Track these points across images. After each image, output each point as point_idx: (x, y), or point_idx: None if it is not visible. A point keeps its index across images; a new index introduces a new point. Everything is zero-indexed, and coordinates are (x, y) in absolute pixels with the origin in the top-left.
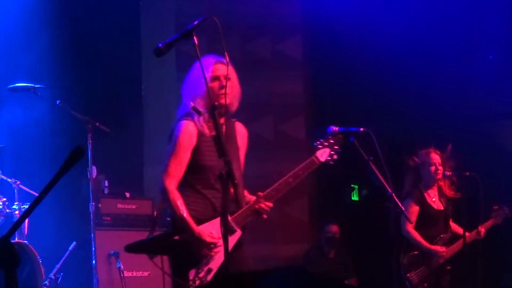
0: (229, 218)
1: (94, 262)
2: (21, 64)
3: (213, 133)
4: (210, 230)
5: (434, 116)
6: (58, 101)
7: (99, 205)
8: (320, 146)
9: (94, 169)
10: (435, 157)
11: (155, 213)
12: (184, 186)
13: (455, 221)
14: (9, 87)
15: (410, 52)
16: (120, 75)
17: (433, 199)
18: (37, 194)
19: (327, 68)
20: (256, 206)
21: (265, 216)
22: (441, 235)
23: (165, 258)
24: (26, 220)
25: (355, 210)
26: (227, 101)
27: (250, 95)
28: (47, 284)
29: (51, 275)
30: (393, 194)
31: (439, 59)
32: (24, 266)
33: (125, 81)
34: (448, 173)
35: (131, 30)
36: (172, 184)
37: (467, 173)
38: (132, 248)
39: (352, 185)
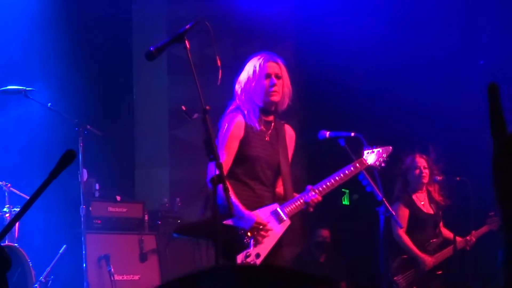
0: (278, 207)
1: (84, 265)
2: (13, 67)
3: (262, 127)
4: (259, 215)
5: (425, 120)
6: (49, 104)
7: (90, 208)
8: (368, 152)
9: (85, 172)
10: (420, 161)
11: (146, 216)
12: (230, 178)
13: (446, 226)
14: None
15: (401, 58)
16: (112, 78)
17: (422, 203)
18: (27, 197)
19: (318, 73)
20: (306, 198)
21: (311, 209)
22: (432, 240)
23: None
24: (17, 223)
25: (345, 215)
26: (277, 99)
27: None
28: (37, 287)
29: (41, 278)
30: (384, 199)
31: (430, 64)
32: (14, 269)
33: (117, 84)
34: (439, 178)
35: (123, 33)
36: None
37: (458, 178)
38: (181, 231)
39: (342, 189)
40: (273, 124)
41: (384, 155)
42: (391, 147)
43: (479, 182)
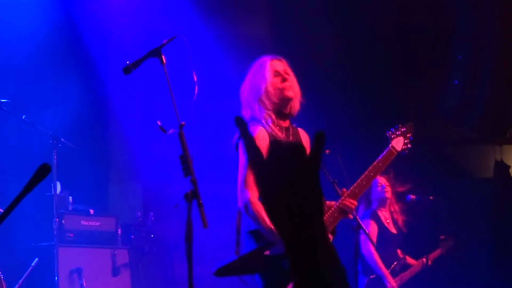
0: None
1: (56, 278)
2: None
3: (284, 135)
4: None
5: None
6: (24, 116)
7: (63, 222)
8: (394, 136)
9: (59, 185)
10: (380, 179)
11: (119, 230)
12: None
13: (417, 244)
14: None
15: (377, 75)
16: (87, 91)
17: (388, 221)
18: (1, 210)
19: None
20: (341, 205)
21: (351, 216)
22: (397, 261)
23: None
24: None
25: None
26: (292, 94)
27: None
28: None
29: None
30: (357, 216)
31: (403, 82)
32: None
33: (92, 97)
34: (412, 197)
35: (99, 46)
36: (253, 196)
37: (431, 197)
38: (222, 272)
39: None
40: (291, 130)
41: (409, 134)
42: (412, 123)
43: (451, 201)
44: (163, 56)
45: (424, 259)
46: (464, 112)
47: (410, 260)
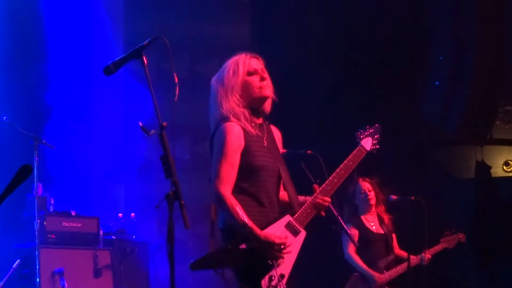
0: (291, 218)
1: (38, 280)
2: None
3: (257, 131)
4: (275, 232)
5: (382, 140)
6: (5, 117)
7: (44, 223)
8: (362, 136)
9: (40, 186)
10: (364, 184)
11: (100, 231)
12: (236, 193)
13: (401, 244)
14: None
15: (359, 77)
16: (68, 91)
17: (372, 223)
18: None
19: (277, 89)
20: (314, 202)
21: (323, 213)
22: (384, 258)
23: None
24: None
25: None
26: (270, 93)
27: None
28: None
29: None
30: (339, 217)
31: (385, 83)
32: None
33: (72, 98)
34: (394, 197)
35: (80, 47)
36: (227, 190)
37: (413, 198)
38: (197, 265)
39: None
40: (264, 127)
41: (377, 136)
42: (378, 125)
43: (434, 201)
44: (144, 57)
45: (423, 254)
46: (445, 113)
47: (401, 252)
